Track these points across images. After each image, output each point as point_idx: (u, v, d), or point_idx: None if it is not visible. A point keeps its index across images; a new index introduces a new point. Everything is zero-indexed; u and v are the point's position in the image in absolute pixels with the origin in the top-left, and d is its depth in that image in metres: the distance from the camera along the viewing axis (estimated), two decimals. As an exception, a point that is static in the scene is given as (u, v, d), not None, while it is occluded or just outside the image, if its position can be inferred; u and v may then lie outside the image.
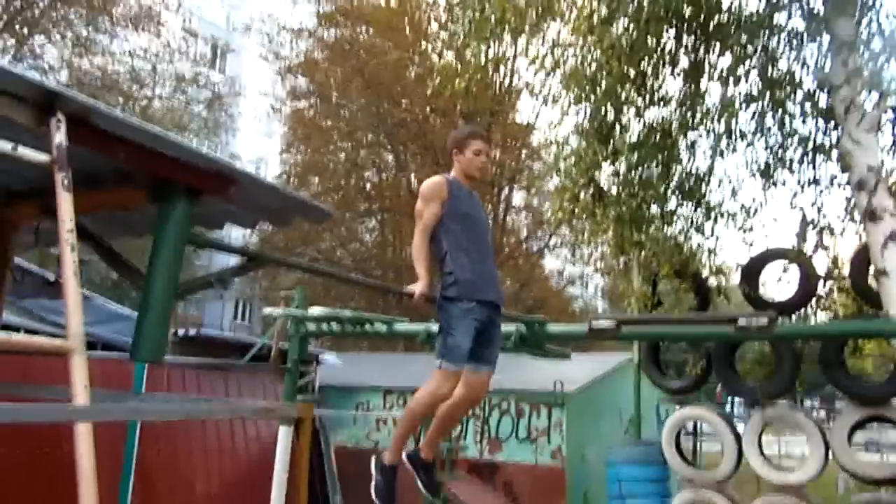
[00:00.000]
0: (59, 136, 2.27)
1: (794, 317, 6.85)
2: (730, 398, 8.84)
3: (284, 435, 6.16)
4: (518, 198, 21.67)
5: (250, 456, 8.15)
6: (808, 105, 6.46)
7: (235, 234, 20.74)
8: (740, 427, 7.13)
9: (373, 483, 3.64)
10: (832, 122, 6.39)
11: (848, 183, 6.38)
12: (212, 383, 7.92)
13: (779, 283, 7.20)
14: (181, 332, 8.30)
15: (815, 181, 6.49)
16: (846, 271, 6.62)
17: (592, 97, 6.36)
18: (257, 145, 27.08)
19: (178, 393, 7.21)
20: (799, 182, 6.60)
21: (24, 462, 5.94)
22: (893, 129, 6.15)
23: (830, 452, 6.36)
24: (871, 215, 4.65)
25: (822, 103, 6.32)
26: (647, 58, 6.54)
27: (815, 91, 6.24)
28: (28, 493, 5.83)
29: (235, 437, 8.09)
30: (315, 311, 5.61)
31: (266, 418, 6.50)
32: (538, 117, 19.05)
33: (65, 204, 2.22)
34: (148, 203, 2.86)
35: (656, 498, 7.18)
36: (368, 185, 20.26)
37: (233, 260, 3.52)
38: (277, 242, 18.42)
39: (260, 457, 8.08)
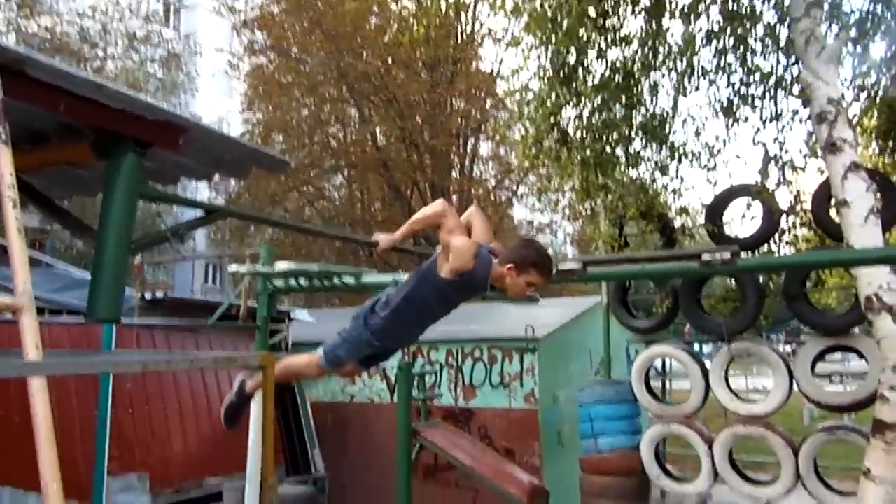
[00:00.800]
0: (-6, 88, 2.16)
1: (757, 252, 6.96)
2: (697, 338, 9.03)
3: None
4: (484, 148, 21.55)
5: (226, 415, 8.17)
6: (769, 40, 6.46)
7: (202, 195, 20.41)
8: (708, 365, 7.28)
9: (228, 400, 3.69)
10: (793, 57, 6.41)
11: (809, 117, 6.44)
12: (182, 343, 7.88)
13: (742, 221, 7.30)
14: (148, 295, 8.19)
15: (778, 116, 6.52)
16: (808, 206, 6.72)
17: (553, 38, 6.27)
18: (217, 104, 26.45)
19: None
20: (761, 118, 6.63)
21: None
22: (853, 61, 6.19)
23: (795, 383, 6.54)
24: (831, 147, 4.68)
25: (783, 37, 6.32)
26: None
27: (776, 24, 6.22)
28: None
29: (210, 397, 8.09)
30: (282, 266, 5.55)
31: (227, 367, 6.46)
32: (502, 65, 18.88)
33: (3, 158, 2.12)
34: (95, 159, 2.76)
35: (627, 434, 7.35)
36: (333, 142, 19.98)
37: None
38: (244, 203, 18.18)
39: (235, 415, 8.11)
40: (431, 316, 3.41)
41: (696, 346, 9.60)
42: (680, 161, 7.15)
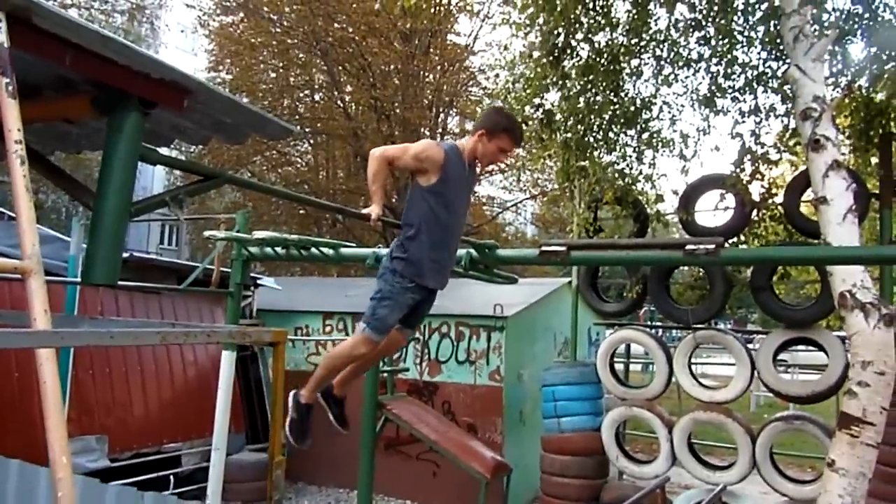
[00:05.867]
0: (0, 36, 2.05)
1: (727, 243, 7.09)
2: (654, 322, 9.24)
3: (227, 360, 6.06)
4: (454, 123, 21.43)
5: (188, 380, 8.06)
6: (753, 33, 6.53)
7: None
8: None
9: (288, 420, 3.76)
10: (775, 52, 6.50)
11: (787, 114, 6.55)
12: (146, 306, 7.71)
13: (715, 212, 7.43)
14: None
15: (756, 110, 6.62)
16: (779, 199, 6.87)
17: (544, 17, 6.23)
18: (182, 62, 25.65)
19: (112, 317, 6.98)
20: (741, 111, 6.71)
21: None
22: (832, 60, 6.30)
23: (756, 372, 6.73)
24: (814, 144, 4.75)
25: (763, 30, 6.39)
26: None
27: (763, 16, 6.30)
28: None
29: (172, 362, 7.96)
30: (260, 234, 5.45)
31: (242, 342, 6.39)
32: (476, 40, 18.73)
33: (10, 112, 2.01)
34: (95, 116, 2.65)
35: (589, 415, 7.48)
36: (301, 107, 19.60)
37: (165, 179, 3.32)
38: (208, 164, 17.76)
39: (198, 381, 8.00)
40: (446, 222, 3.41)
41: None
42: (656, 149, 7.22)
